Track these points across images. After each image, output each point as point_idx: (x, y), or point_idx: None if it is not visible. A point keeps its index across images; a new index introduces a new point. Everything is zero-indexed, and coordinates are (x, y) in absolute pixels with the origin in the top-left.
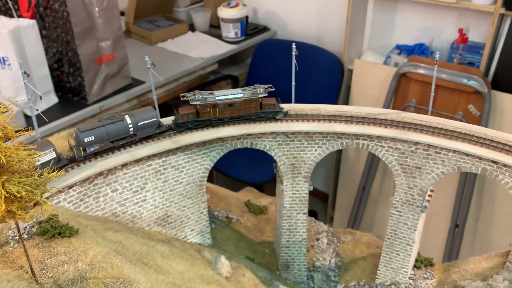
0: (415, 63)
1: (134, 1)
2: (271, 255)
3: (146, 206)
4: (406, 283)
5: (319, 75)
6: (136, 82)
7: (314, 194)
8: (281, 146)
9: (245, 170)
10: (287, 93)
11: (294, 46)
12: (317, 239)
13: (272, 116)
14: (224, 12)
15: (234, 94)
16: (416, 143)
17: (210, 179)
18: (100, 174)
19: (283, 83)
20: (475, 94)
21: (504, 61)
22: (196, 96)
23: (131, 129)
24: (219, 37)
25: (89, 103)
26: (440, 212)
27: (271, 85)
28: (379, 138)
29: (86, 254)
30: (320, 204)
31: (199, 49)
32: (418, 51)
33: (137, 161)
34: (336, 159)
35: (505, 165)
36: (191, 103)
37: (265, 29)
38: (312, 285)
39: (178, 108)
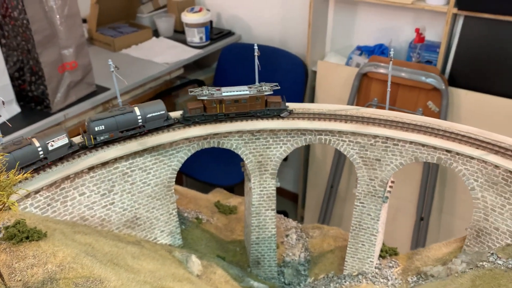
0: (376, 63)
1: (96, 8)
2: (242, 253)
3: (114, 209)
4: (373, 272)
5: (284, 77)
6: (100, 89)
7: (284, 194)
8: (247, 145)
9: (215, 173)
10: None
11: (256, 47)
12: (287, 236)
13: (277, 113)
14: (188, 17)
15: (240, 91)
16: (375, 136)
17: (180, 184)
18: (67, 178)
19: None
20: (434, 91)
21: (459, 59)
22: (204, 92)
23: (140, 121)
24: (184, 42)
25: (53, 112)
26: (406, 207)
27: (277, 84)
28: (340, 133)
29: (55, 256)
30: (291, 204)
31: (164, 54)
32: (378, 51)
33: (104, 164)
34: (304, 160)
35: (458, 153)
36: (198, 98)
37: (229, 33)
38: (283, 280)
39: (187, 103)
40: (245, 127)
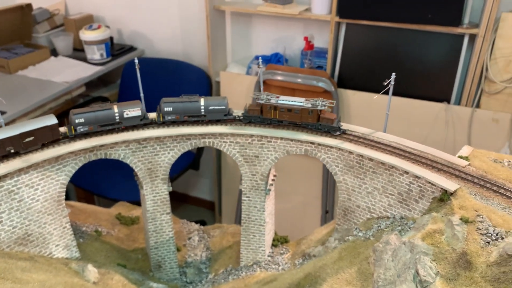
0: (272, 71)
1: None
2: (144, 259)
3: (3, 228)
4: (266, 260)
5: (189, 89)
6: None
7: (201, 204)
8: (135, 153)
9: (126, 190)
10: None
11: (136, 60)
12: (189, 238)
13: (328, 130)
14: (86, 35)
15: (296, 102)
16: (251, 136)
17: (92, 202)
18: None
19: (155, 99)
20: (325, 93)
21: (345, 62)
22: (262, 96)
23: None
24: (85, 59)
25: None
26: (313, 202)
27: (332, 102)
28: (221, 135)
29: None
30: (208, 213)
31: (63, 73)
32: (274, 60)
33: None
34: (217, 168)
35: (319, 144)
36: (257, 101)
37: (131, 48)
38: (185, 279)
39: (248, 104)
40: (131, 137)
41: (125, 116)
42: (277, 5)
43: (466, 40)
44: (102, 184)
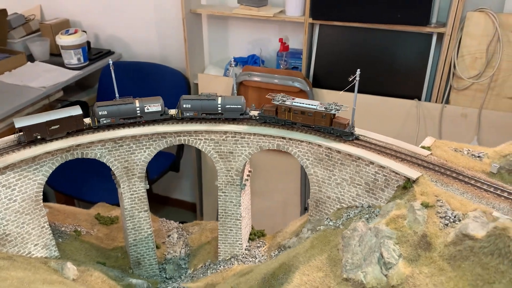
0: (249, 72)
1: None
2: (123, 257)
3: None
4: (243, 254)
5: (167, 91)
6: None
7: (182, 205)
8: (111, 152)
9: (103, 192)
10: None
11: (111, 61)
12: (168, 236)
13: (341, 135)
14: (63, 40)
15: (310, 105)
16: (225, 132)
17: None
18: None
19: None
20: (301, 93)
21: (319, 63)
22: (277, 97)
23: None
24: (62, 64)
25: None
26: (292, 199)
27: (343, 105)
28: (196, 132)
29: None
30: (190, 214)
31: (40, 78)
32: (251, 61)
33: None
34: (197, 169)
35: (290, 139)
36: (272, 101)
37: (109, 52)
38: (164, 275)
39: (265, 104)
40: (107, 136)
41: (146, 110)
42: (252, 7)
43: (434, 39)
44: (82, 187)
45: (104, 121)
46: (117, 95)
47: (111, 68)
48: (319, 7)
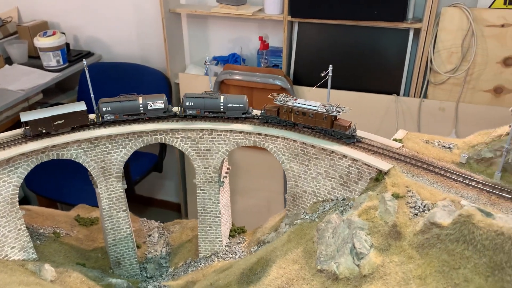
0: (230, 71)
1: None
2: (104, 258)
3: None
4: (224, 250)
5: (148, 91)
6: None
7: (167, 206)
8: (87, 153)
9: (84, 195)
10: None
11: (85, 62)
12: (149, 235)
13: (341, 137)
14: (41, 42)
15: (311, 106)
16: (202, 130)
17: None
18: None
19: None
20: (282, 90)
21: (299, 60)
22: (279, 97)
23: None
24: (41, 67)
25: None
26: (276, 198)
27: (344, 107)
28: (173, 131)
29: None
30: (175, 215)
31: (19, 81)
32: (232, 60)
33: None
34: (181, 169)
35: (266, 135)
36: (274, 102)
37: (89, 54)
38: (145, 274)
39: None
40: (82, 136)
41: (149, 107)
42: (231, 6)
43: (411, 35)
44: (62, 190)
45: (108, 117)
46: (92, 95)
47: (85, 68)
48: (297, 5)
